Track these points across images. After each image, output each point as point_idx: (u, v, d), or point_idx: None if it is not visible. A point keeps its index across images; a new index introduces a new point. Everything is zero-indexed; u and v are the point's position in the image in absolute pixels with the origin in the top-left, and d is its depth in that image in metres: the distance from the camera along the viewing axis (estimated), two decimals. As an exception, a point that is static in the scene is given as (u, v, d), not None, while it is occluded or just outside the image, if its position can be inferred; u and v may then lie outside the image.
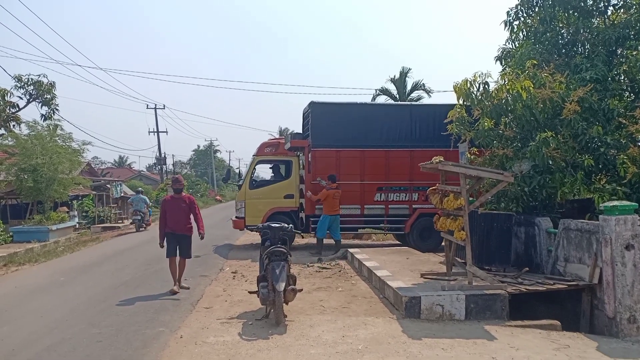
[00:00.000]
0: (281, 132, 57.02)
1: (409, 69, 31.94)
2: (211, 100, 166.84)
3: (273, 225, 7.69)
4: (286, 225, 7.81)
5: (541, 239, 8.84)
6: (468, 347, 5.80)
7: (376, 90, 32.27)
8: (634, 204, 6.84)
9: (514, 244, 9.41)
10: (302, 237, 16.20)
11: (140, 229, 22.05)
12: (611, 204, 6.79)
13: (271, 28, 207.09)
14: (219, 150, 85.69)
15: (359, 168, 14.08)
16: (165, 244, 9.16)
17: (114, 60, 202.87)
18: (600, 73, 9.42)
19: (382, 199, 14.18)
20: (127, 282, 10.16)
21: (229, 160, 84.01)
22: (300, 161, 15.15)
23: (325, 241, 13.67)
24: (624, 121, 8.50)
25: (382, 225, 14.49)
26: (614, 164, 8.47)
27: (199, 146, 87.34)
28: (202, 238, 9.21)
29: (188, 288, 9.13)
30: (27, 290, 9.70)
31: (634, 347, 6.19)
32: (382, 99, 31.47)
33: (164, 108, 45.88)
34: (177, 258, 9.13)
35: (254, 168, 15.69)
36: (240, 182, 15.48)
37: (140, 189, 27.18)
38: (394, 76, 32.11)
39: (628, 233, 6.62)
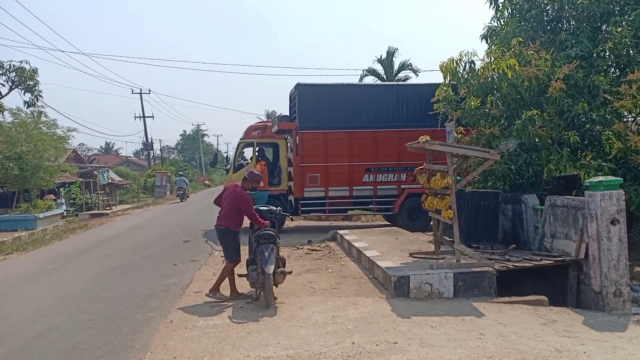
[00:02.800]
0: (268, 115, 56.59)
1: (396, 49, 31.97)
2: (197, 84, 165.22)
3: (261, 208, 7.67)
4: (275, 208, 7.80)
5: (528, 216, 8.91)
6: (456, 324, 5.86)
7: (363, 70, 32.30)
8: (618, 179, 6.88)
9: (502, 221, 9.48)
10: (292, 220, 16.24)
11: (183, 200, 30.69)
12: (596, 180, 6.82)
13: (257, 8, 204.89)
14: (206, 135, 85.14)
15: (347, 149, 14.05)
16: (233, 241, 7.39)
17: (95, 46, 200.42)
18: (585, 49, 9.41)
19: (370, 180, 14.18)
20: (116, 269, 10.13)
21: (217, 144, 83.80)
22: (288, 144, 15.10)
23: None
24: (609, 97, 8.50)
25: (371, 206, 14.55)
26: (600, 140, 8.50)
27: (185, 131, 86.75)
28: None
29: (221, 299, 7.21)
30: (15, 279, 9.65)
31: (620, 321, 6.28)
32: (370, 80, 31.43)
33: (149, 93, 45.61)
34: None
35: (242, 152, 15.61)
36: (228, 166, 15.41)
37: (182, 172, 39.79)
38: (381, 56, 32.08)
39: (613, 208, 6.67)
